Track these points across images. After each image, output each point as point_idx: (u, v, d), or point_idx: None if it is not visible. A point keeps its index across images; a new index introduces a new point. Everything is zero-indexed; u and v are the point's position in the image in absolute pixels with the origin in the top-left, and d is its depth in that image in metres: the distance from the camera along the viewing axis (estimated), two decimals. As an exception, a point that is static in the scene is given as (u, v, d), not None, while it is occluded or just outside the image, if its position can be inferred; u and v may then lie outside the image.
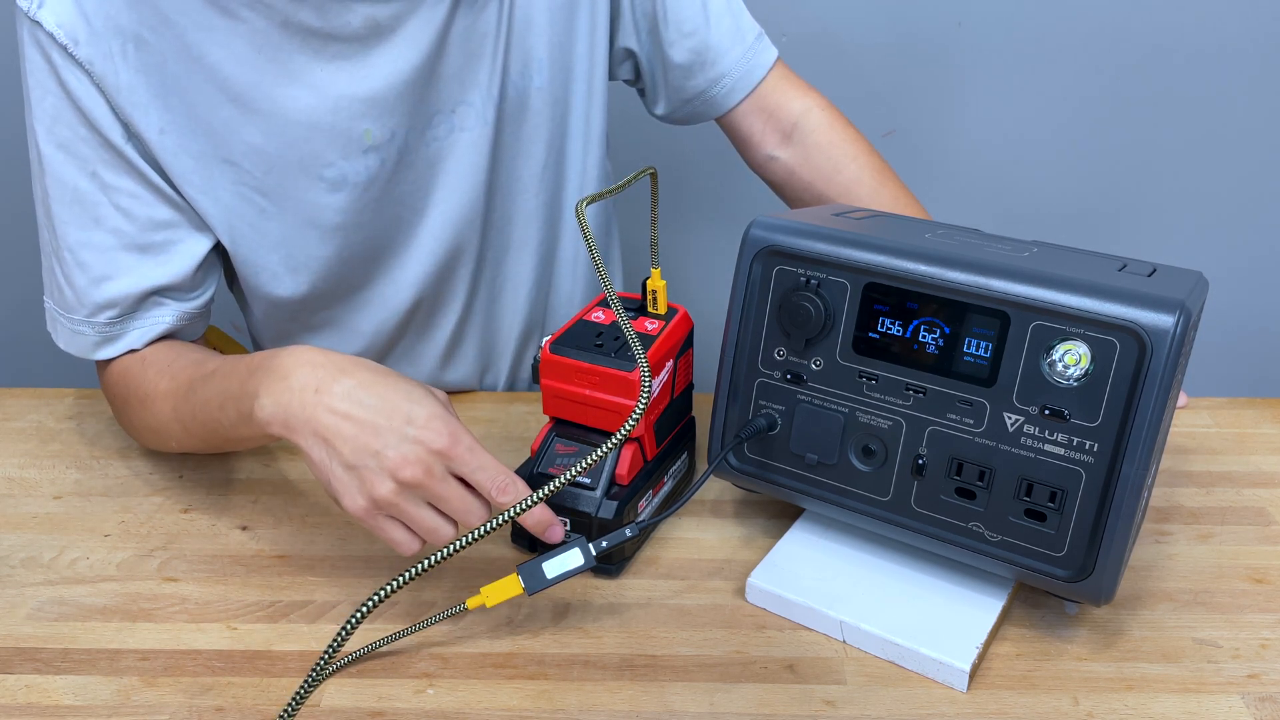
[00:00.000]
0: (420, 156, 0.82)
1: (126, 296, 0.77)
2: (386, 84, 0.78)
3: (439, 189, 0.85)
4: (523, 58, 0.84)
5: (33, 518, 0.78)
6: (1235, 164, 1.46)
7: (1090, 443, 0.58)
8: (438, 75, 0.80)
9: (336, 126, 0.78)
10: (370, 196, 0.81)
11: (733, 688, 0.61)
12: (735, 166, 1.04)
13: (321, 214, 0.81)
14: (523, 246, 0.92)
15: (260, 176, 0.78)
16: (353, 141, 0.79)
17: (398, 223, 0.85)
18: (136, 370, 0.78)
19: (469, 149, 0.84)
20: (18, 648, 0.65)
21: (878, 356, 0.64)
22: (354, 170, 0.80)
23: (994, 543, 0.63)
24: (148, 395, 0.76)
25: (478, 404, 0.94)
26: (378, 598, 0.61)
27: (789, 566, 0.69)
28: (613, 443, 0.60)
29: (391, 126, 0.79)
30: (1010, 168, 1.48)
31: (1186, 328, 0.56)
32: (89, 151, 0.74)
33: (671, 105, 0.95)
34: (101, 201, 0.75)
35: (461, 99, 0.82)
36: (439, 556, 0.61)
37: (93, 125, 0.73)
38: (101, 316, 0.77)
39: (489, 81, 0.82)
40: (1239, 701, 0.60)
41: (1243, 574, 0.71)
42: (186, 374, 0.74)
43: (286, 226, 0.81)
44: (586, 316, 0.73)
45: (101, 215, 0.75)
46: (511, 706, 0.60)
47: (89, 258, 0.76)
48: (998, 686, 0.62)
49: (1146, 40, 1.39)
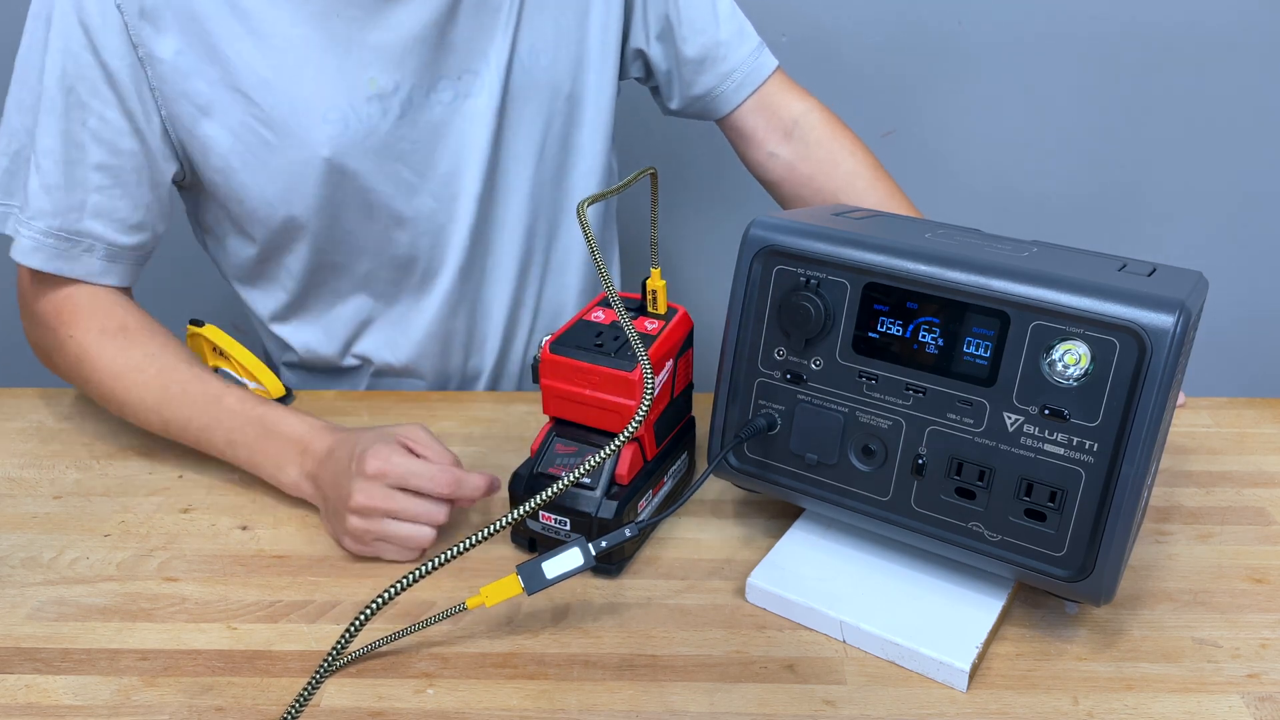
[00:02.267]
0: (424, 117, 0.86)
1: (68, 209, 0.80)
2: (396, 35, 0.82)
3: (442, 153, 0.87)
4: (532, 37, 0.87)
5: (33, 518, 0.78)
6: (1235, 163, 1.46)
7: (1090, 443, 0.58)
8: (447, 39, 0.84)
9: (344, 69, 0.82)
10: (370, 145, 0.84)
11: (733, 688, 0.61)
12: (736, 167, 1.05)
13: (320, 151, 0.84)
14: (516, 225, 0.94)
15: (267, 110, 0.82)
16: (358, 87, 0.82)
17: (397, 181, 0.87)
18: (116, 339, 0.81)
19: (474, 119, 0.87)
20: (18, 648, 0.65)
21: (878, 356, 0.64)
22: (356, 116, 0.83)
23: (994, 543, 0.63)
24: (125, 371, 0.80)
25: (478, 404, 0.94)
26: (384, 597, 0.61)
27: (789, 566, 0.69)
28: (615, 445, 0.60)
29: (396, 79, 0.83)
30: (1010, 168, 1.48)
31: (1186, 328, 0.56)
32: (86, 71, 0.78)
33: (683, 102, 0.99)
34: (74, 119, 0.79)
35: (468, 67, 0.85)
36: (445, 558, 0.61)
37: (95, 49, 0.77)
38: (41, 222, 0.80)
39: (497, 55, 0.86)
40: (1239, 701, 0.60)
41: (1243, 574, 0.71)
42: (178, 376, 0.79)
43: (289, 160, 0.84)
44: (586, 316, 0.73)
45: (69, 130, 0.79)
46: (511, 706, 0.60)
47: (46, 164, 0.80)
48: (998, 686, 0.62)
49: (1146, 40, 1.39)
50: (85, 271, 0.83)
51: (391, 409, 0.93)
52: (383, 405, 0.93)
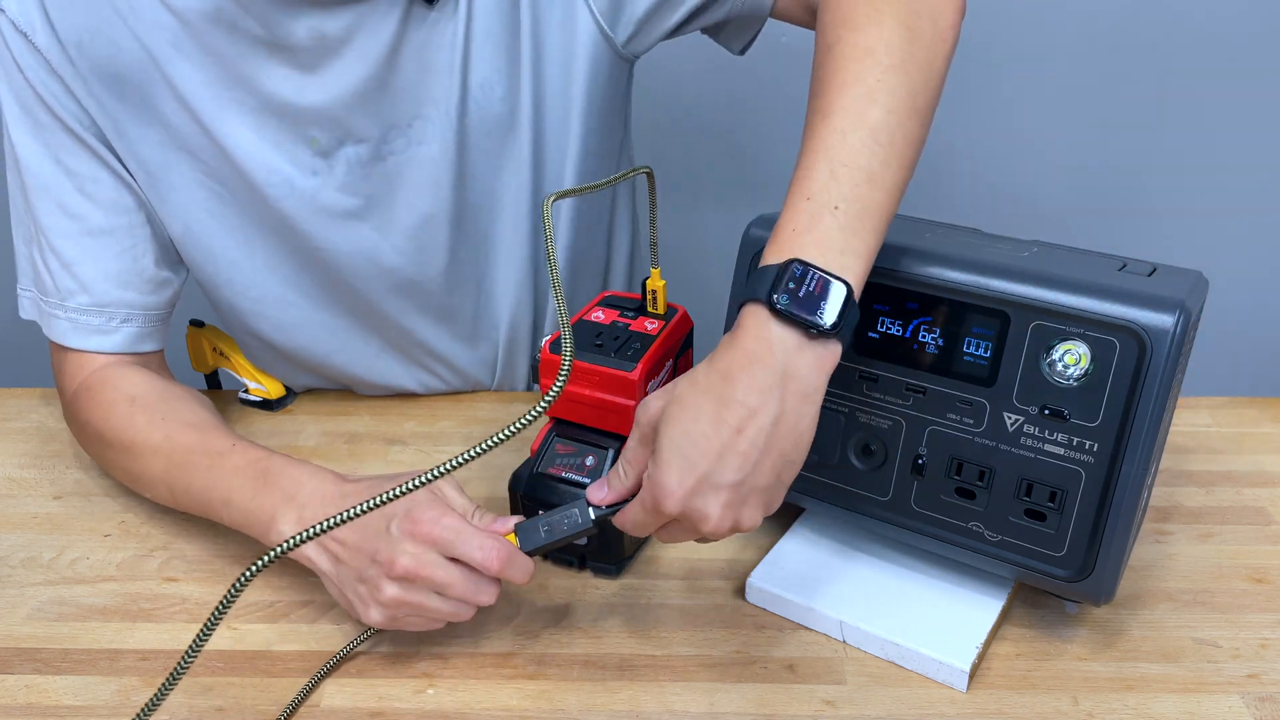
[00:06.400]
0: (376, 171, 0.81)
1: (94, 281, 0.78)
2: (333, 96, 0.77)
3: (398, 204, 0.83)
4: (484, 72, 0.81)
5: (33, 518, 0.78)
6: (1235, 163, 1.46)
7: (1090, 443, 0.58)
8: (390, 89, 0.78)
9: (283, 131, 0.78)
10: (319, 206, 0.81)
11: (733, 688, 0.61)
12: (736, 167, 1.04)
13: (269, 215, 0.81)
14: (508, 262, 0.89)
15: (215, 166, 0.79)
16: (300, 147, 0.78)
17: (357, 239, 0.83)
18: (123, 410, 0.76)
19: (430, 164, 0.82)
20: (18, 648, 0.65)
21: (878, 356, 0.64)
22: (300, 175, 0.79)
23: (994, 543, 0.63)
24: (134, 443, 0.74)
25: (478, 404, 0.94)
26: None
27: (789, 566, 0.69)
28: (523, 421, 0.58)
29: (339, 136, 0.79)
30: (1010, 167, 1.48)
31: (1186, 328, 0.56)
32: (52, 137, 0.76)
33: (736, 39, 0.89)
34: (67, 188, 0.77)
35: (418, 113, 0.80)
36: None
37: (53, 113, 0.75)
38: (73, 301, 0.79)
39: (447, 96, 0.80)
40: (1239, 701, 0.60)
41: (1243, 574, 0.71)
42: (183, 440, 0.73)
43: (244, 216, 0.81)
44: (586, 316, 0.73)
45: (66, 201, 0.77)
46: (511, 706, 0.60)
47: (60, 243, 0.78)
48: (998, 686, 0.62)
49: (1147, 40, 1.39)
50: (123, 342, 0.80)
51: (392, 409, 0.93)
52: (383, 405, 0.93)
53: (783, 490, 0.56)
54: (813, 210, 0.56)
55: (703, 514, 0.54)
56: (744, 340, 0.54)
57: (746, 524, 0.55)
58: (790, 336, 0.54)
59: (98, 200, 0.78)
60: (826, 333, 0.53)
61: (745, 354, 0.54)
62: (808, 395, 0.54)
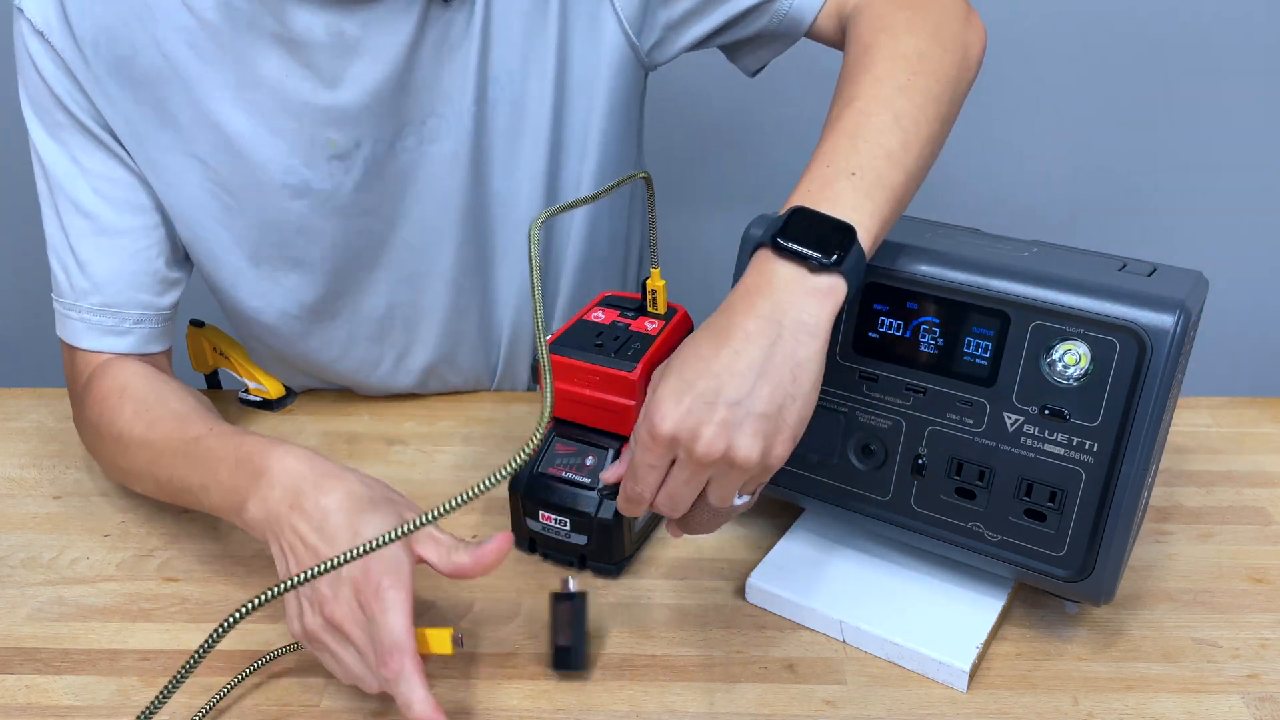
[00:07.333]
0: (389, 168, 0.81)
1: (108, 281, 0.78)
2: (352, 97, 0.77)
3: (411, 201, 0.83)
4: (502, 68, 0.81)
5: (33, 518, 0.78)
6: (1236, 164, 1.46)
7: (1090, 443, 0.58)
8: (407, 88, 0.78)
9: (300, 133, 0.77)
10: (335, 205, 0.81)
11: (733, 688, 0.61)
12: (736, 167, 1.04)
13: (284, 217, 0.81)
14: (514, 263, 0.89)
15: (226, 174, 0.78)
16: (316, 149, 0.78)
17: (367, 234, 0.83)
18: (114, 402, 0.75)
19: (443, 161, 0.82)
20: (18, 648, 0.65)
21: (878, 356, 0.64)
22: (317, 178, 0.79)
23: (994, 543, 0.63)
24: (121, 435, 0.73)
25: (478, 404, 0.94)
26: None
27: (789, 566, 0.69)
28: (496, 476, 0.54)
29: (357, 137, 0.78)
30: (1010, 168, 1.48)
31: (1186, 328, 0.56)
32: (69, 137, 0.77)
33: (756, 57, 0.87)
34: (82, 187, 0.77)
35: (431, 111, 0.80)
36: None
37: (69, 112, 0.75)
38: (86, 302, 0.78)
39: (461, 94, 0.80)
40: (1239, 701, 0.60)
41: (1243, 574, 0.71)
42: (166, 430, 0.71)
43: (251, 225, 0.81)
44: (586, 316, 0.73)
45: (81, 200, 0.77)
46: (511, 706, 0.60)
47: (75, 242, 0.78)
48: (998, 686, 0.62)
49: (1147, 40, 1.39)
50: (136, 343, 0.80)
51: (392, 409, 0.93)
52: (383, 405, 0.93)
53: (786, 431, 0.53)
54: (828, 175, 0.58)
55: (695, 433, 0.52)
56: (747, 278, 0.56)
57: (741, 452, 0.52)
58: (791, 270, 0.54)
59: (112, 200, 0.78)
60: (829, 266, 0.54)
61: (746, 288, 0.55)
62: (808, 327, 0.54)
